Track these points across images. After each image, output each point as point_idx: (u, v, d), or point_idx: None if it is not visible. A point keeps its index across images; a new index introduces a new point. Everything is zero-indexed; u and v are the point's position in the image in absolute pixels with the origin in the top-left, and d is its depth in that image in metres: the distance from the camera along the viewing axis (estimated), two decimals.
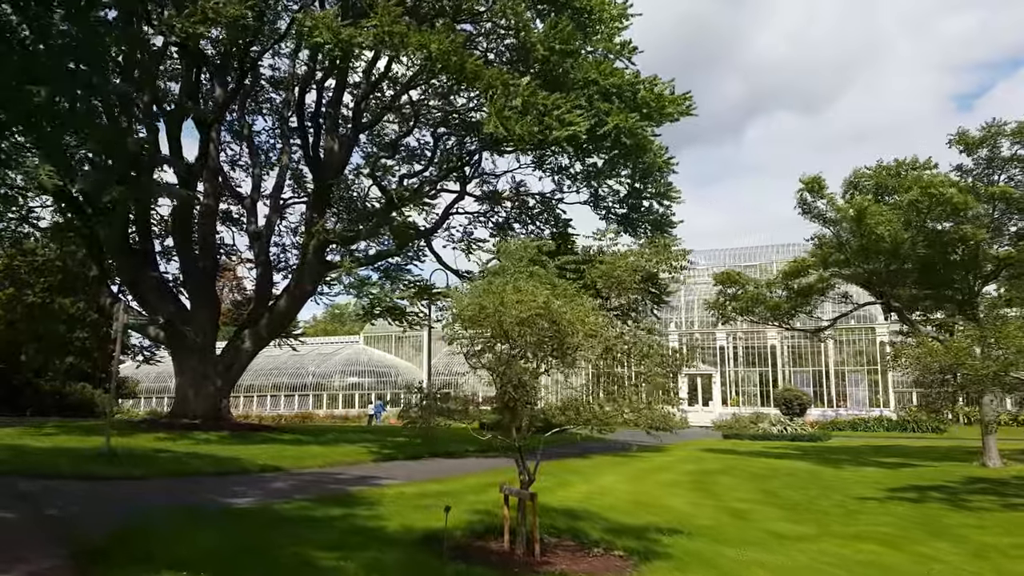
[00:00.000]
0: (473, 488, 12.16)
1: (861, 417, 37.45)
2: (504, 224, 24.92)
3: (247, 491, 11.35)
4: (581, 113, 15.55)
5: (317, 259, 22.76)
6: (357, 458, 17.80)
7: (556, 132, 15.15)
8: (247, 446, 18.19)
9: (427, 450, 20.56)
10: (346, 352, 56.70)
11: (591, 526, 8.96)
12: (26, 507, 9.27)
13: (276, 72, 28.82)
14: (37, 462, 13.14)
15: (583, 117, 15.42)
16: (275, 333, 24.54)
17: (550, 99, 15.40)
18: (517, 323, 6.98)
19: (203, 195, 24.01)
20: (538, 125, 15.25)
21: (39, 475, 11.97)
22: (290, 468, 15.33)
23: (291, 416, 50.24)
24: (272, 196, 25.56)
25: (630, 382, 7.77)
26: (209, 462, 14.86)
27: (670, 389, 8.84)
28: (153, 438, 18.70)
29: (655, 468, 17.25)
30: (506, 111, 15.25)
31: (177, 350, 22.65)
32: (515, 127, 15.04)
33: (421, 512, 9.43)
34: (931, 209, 16.26)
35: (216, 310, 23.83)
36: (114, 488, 11.35)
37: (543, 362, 7.74)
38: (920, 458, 20.81)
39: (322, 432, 24.62)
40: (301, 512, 9.19)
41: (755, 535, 9.37)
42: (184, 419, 21.69)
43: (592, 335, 7.20)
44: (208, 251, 23.70)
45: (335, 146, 22.72)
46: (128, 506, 9.62)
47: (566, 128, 15.17)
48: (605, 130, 15.85)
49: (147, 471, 13.03)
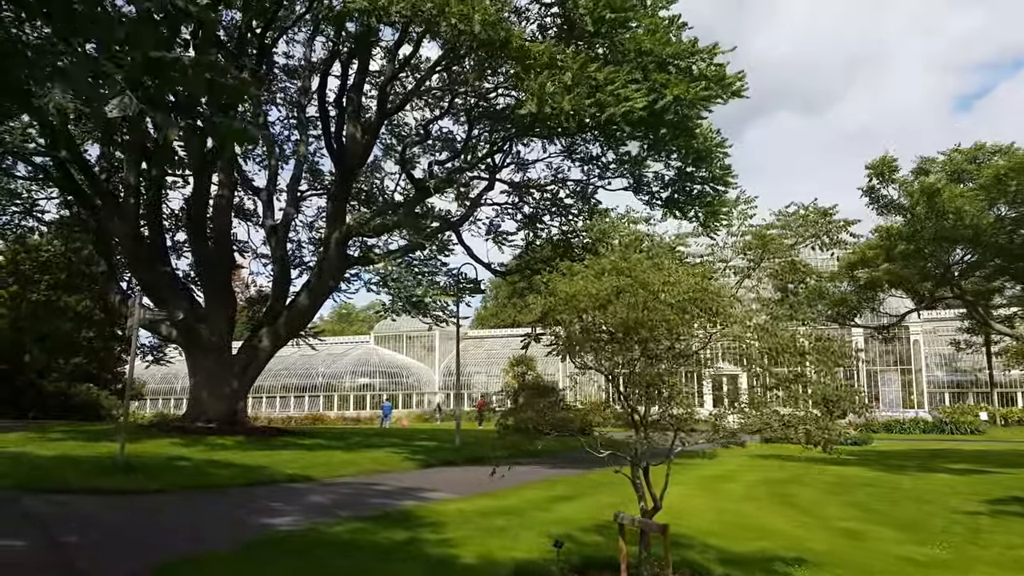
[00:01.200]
0: (535, 504, 10.76)
1: (895, 418, 35.98)
2: (534, 216, 23.51)
3: (284, 507, 9.97)
4: (637, 88, 14.15)
5: (339, 253, 21.37)
6: (390, 465, 16.42)
7: (611, 109, 13.73)
8: (269, 452, 16.83)
9: (458, 456, 19.24)
10: (356, 352, 55.33)
11: (702, 556, 7.55)
12: (35, 532, 7.89)
13: (290, 60, 27.55)
14: (43, 474, 11.76)
15: (640, 92, 14.01)
16: (294, 332, 23.16)
17: (603, 72, 13.99)
18: (665, 309, 5.59)
19: (218, 186, 22.64)
20: (590, 99, 13.84)
21: (45, 489, 10.59)
22: (321, 478, 13.97)
23: (301, 418, 48.85)
24: (289, 188, 24.20)
25: (789, 385, 6.31)
26: (233, 472, 13.50)
27: (855, 396, 7.43)
28: (166, 444, 17.32)
29: (716, 478, 15.78)
30: (551, 86, 13.84)
31: (191, 350, 21.28)
32: (564, 103, 13.61)
33: (496, 537, 8.06)
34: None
35: (232, 308, 22.46)
36: (131, 505, 9.97)
37: (677, 361, 6.34)
38: (985, 463, 19.39)
39: (343, 436, 23.24)
40: (360, 537, 7.80)
41: (887, 563, 7.96)
42: (198, 423, 20.34)
43: (763, 330, 5.80)
44: (223, 245, 22.33)
45: (357, 134, 21.33)
46: (153, 530, 8.25)
47: (622, 104, 13.75)
48: (663, 104, 14.41)
49: (165, 483, 11.65)
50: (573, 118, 14.03)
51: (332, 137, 21.89)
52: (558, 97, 13.55)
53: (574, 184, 21.94)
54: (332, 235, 21.18)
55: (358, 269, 25.32)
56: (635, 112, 13.82)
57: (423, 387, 55.24)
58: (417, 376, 55.44)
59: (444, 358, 57.28)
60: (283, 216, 23.96)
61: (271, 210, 24.00)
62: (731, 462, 19.68)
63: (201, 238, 21.66)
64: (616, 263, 6.44)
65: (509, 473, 15.85)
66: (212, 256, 21.68)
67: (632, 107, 13.71)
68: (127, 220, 20.19)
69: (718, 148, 17.66)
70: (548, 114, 14.54)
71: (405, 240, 22.98)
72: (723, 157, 17.37)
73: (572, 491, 12.09)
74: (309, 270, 27.00)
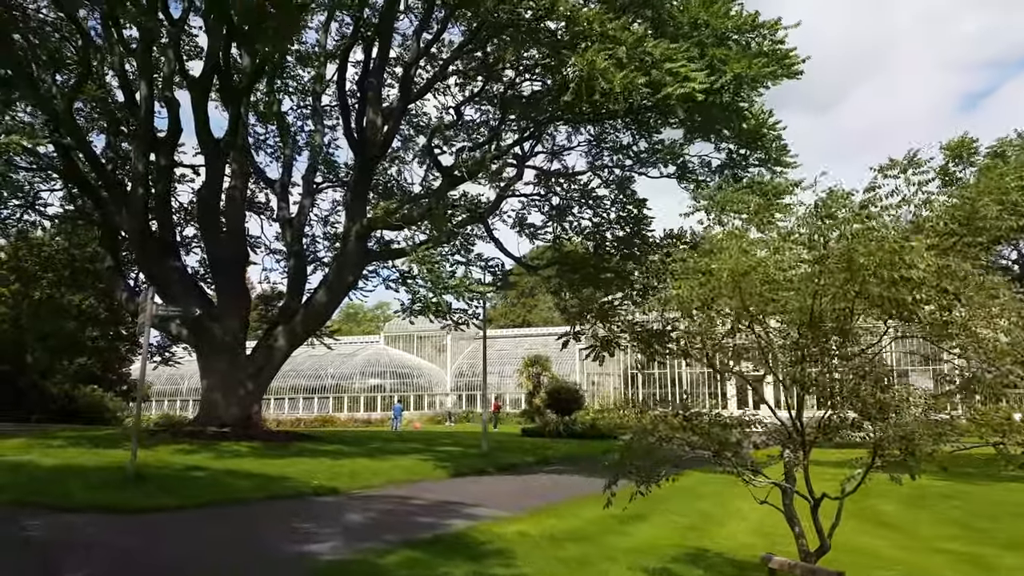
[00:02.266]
0: (603, 525, 9.46)
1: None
2: (564, 207, 22.23)
3: (319, 530, 8.71)
4: (697, 66, 12.86)
5: (359, 248, 20.11)
6: (419, 474, 15.18)
7: (668, 89, 12.43)
8: (288, 460, 15.58)
9: (488, 463, 18.02)
10: (366, 352, 54.02)
11: None
12: (33, 565, 6.65)
13: (303, 46, 26.32)
14: (45, 488, 10.51)
15: (700, 70, 12.71)
16: (311, 330, 21.91)
17: (660, 48, 12.70)
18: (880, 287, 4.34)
19: (230, 176, 21.40)
20: (644, 78, 12.55)
21: (47, 506, 9.35)
22: (349, 489, 12.74)
23: (311, 420, 47.57)
24: (305, 179, 22.97)
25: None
26: (253, 483, 12.26)
27: None
28: (178, 451, 16.08)
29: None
30: (601, 61, 12.56)
31: (203, 350, 20.04)
32: (616, 79, 12.32)
33: (579, 573, 6.80)
34: None
35: (246, 305, 21.22)
36: (145, 526, 8.74)
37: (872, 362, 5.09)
38: None
39: (361, 441, 21.97)
40: (420, 573, 6.54)
41: None
42: (211, 427, 19.08)
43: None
44: (237, 239, 21.07)
45: (378, 120, 20.07)
46: (172, 561, 7.01)
47: (680, 84, 12.46)
48: (721, 83, 13.14)
49: (182, 499, 10.40)
50: (621, 98, 12.72)
51: (352, 125, 20.66)
52: (609, 74, 12.27)
53: (608, 173, 20.63)
54: (352, 228, 19.91)
55: (376, 265, 24.12)
56: (695, 94, 12.53)
57: (434, 388, 53.99)
58: (428, 377, 54.19)
59: (456, 358, 56.02)
60: (298, 208, 22.73)
61: (286, 202, 22.79)
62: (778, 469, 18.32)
63: (213, 231, 20.42)
64: (820, 224, 5.13)
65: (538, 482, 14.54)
66: (225, 250, 20.44)
67: (692, 88, 12.41)
68: (135, 212, 18.96)
69: (770, 128, 16.37)
70: (595, 92, 13.23)
71: (425, 235, 21.75)
72: (777, 137, 16.07)
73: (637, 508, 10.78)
74: (323, 267, 25.80)
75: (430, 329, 53.37)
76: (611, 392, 46.85)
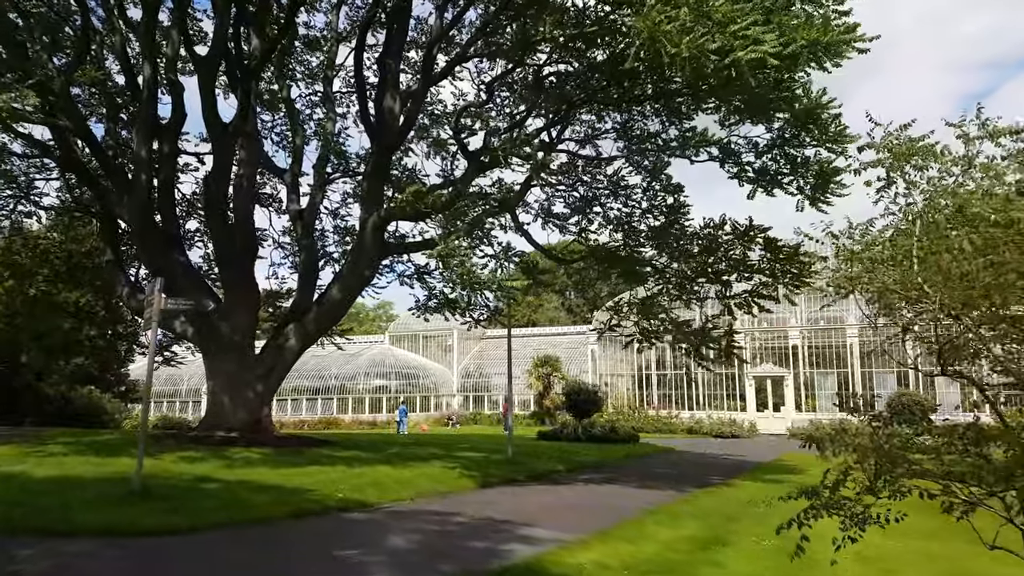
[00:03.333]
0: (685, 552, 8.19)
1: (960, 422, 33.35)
2: (591, 197, 20.95)
3: (363, 558, 7.42)
4: (765, 29, 11.64)
5: (376, 240, 18.80)
6: (448, 485, 13.90)
7: (738, 53, 11.20)
8: (304, 469, 14.29)
9: (516, 471, 16.74)
10: (371, 352, 52.67)
11: None
12: None
13: (311, 31, 25.05)
14: (41, 506, 9.19)
15: (770, 32, 11.50)
16: (324, 329, 20.58)
17: (724, 8, 11.44)
18: None
19: (238, 164, 20.09)
20: (713, 44, 11.29)
21: (42, 531, 8.04)
22: (378, 502, 11.49)
23: (314, 422, 46.29)
24: (316, 168, 21.67)
25: None
26: (272, 497, 10.97)
27: None
28: (184, 458, 14.76)
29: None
30: (666, 23, 11.29)
31: (209, 349, 18.74)
32: (682, 43, 11.06)
33: None
34: None
35: (256, 302, 19.89)
36: (157, 554, 7.45)
37: None
38: None
39: (378, 445, 20.64)
40: None
41: None
42: (218, 432, 17.79)
43: None
44: (245, 230, 19.76)
45: (396, 106, 18.78)
46: None
47: (751, 49, 11.23)
48: (792, 50, 11.88)
49: (195, 518, 9.10)
50: (689, 66, 11.46)
51: (368, 110, 19.37)
52: (675, 37, 11.03)
53: (640, 159, 19.34)
54: (368, 220, 18.60)
55: (391, 260, 22.84)
56: (767, 58, 11.27)
57: (440, 389, 52.68)
58: (434, 378, 52.89)
59: (463, 358, 54.75)
60: (309, 200, 21.44)
61: (296, 193, 21.46)
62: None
63: (220, 221, 19.11)
64: None
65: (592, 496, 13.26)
66: (233, 242, 19.13)
67: (764, 52, 11.17)
68: (138, 201, 17.65)
69: (825, 107, 15.08)
70: (660, 58, 11.94)
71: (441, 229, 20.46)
72: (833, 118, 14.79)
73: (707, 529, 9.52)
74: (332, 262, 24.53)
75: (435, 328, 52.05)
76: (624, 393, 45.61)
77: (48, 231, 26.44)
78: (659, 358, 44.38)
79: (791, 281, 17.55)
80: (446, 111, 23.55)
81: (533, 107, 17.20)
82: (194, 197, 24.47)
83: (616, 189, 20.60)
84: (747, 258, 17.97)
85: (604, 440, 26.67)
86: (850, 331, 38.37)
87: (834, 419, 36.48)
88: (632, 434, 28.94)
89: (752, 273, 17.84)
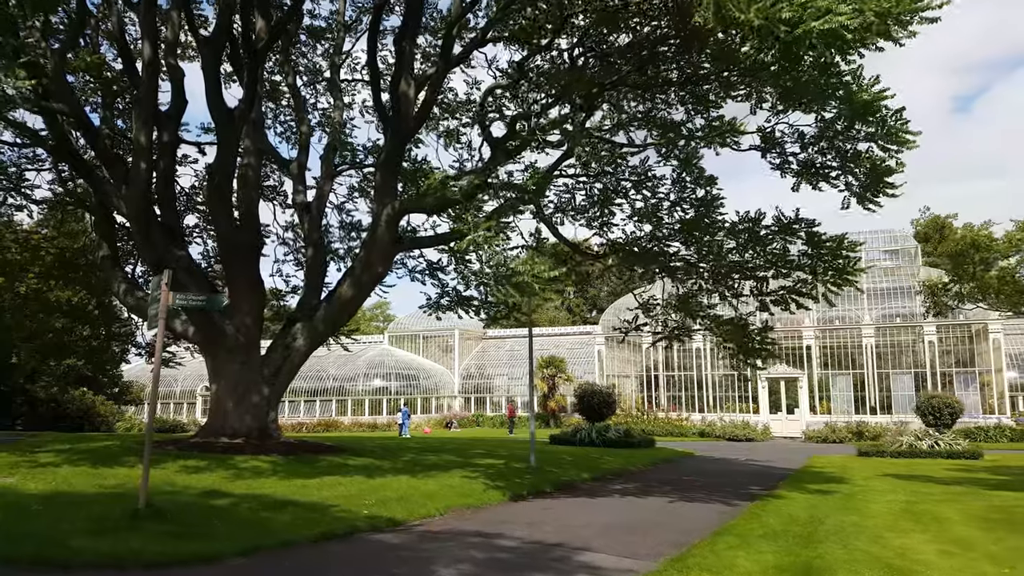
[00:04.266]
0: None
1: (980, 425, 32.60)
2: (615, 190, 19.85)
3: None
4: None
5: (389, 234, 17.69)
6: (475, 497, 12.80)
7: (812, 23, 10.16)
8: (320, 480, 13.19)
9: (543, 482, 15.63)
10: (370, 353, 51.47)
11: None
12: None
13: (315, 20, 23.96)
14: (32, 531, 8.03)
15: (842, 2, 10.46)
16: (334, 327, 19.45)
17: None
18: None
19: (243, 154, 18.94)
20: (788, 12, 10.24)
21: (34, 563, 6.91)
22: (406, 520, 10.39)
23: (313, 424, 45.14)
24: (324, 160, 20.56)
25: None
26: (293, 515, 9.88)
27: None
28: (188, 467, 13.64)
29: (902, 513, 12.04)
30: None
31: (212, 350, 17.60)
32: (751, 12, 10.03)
33: None
34: None
35: (261, 300, 18.73)
36: None
37: None
38: None
39: (391, 451, 19.53)
40: None
41: None
42: (222, 438, 16.67)
43: None
44: (250, 224, 18.60)
45: (411, 91, 17.68)
46: None
47: (824, 19, 10.20)
48: (861, 21, 10.83)
49: (209, 544, 7.97)
50: (758, 36, 10.42)
51: (382, 96, 18.26)
52: (742, 4, 10.00)
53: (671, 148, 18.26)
54: (382, 212, 17.47)
55: (403, 256, 21.75)
56: (841, 31, 10.23)
57: (440, 390, 51.57)
58: (435, 379, 51.78)
59: (463, 359, 53.67)
60: (317, 192, 20.31)
61: (303, 185, 20.34)
62: (881, 485, 15.98)
63: (224, 214, 17.94)
64: None
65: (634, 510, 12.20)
66: (237, 236, 17.98)
67: (839, 23, 10.12)
68: (137, 191, 16.46)
69: (877, 98, 14.01)
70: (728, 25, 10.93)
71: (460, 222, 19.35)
72: (898, 111, 13.73)
73: (788, 554, 8.42)
74: (338, 258, 23.38)
75: (436, 329, 50.95)
76: (631, 394, 44.63)
77: (39, 226, 25.20)
78: (667, 358, 43.45)
79: (833, 278, 16.50)
80: (457, 99, 22.47)
81: (564, 92, 16.12)
82: (193, 191, 23.31)
83: (642, 180, 19.52)
84: (787, 252, 16.94)
85: (620, 444, 25.67)
86: (866, 331, 37.48)
87: (850, 421, 35.77)
88: (648, 438, 27.97)
89: (791, 270, 16.81)
